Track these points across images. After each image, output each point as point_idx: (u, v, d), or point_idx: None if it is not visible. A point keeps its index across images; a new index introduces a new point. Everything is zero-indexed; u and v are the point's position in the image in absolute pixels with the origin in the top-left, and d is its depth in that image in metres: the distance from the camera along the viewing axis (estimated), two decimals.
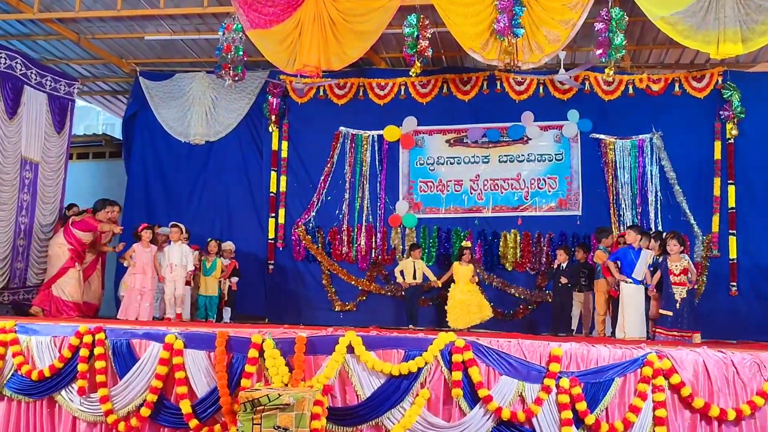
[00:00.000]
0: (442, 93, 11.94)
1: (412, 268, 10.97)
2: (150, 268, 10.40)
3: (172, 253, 10.46)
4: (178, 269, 10.42)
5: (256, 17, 9.40)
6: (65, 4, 10.66)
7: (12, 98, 10.73)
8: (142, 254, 10.36)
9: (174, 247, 10.52)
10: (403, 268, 11.01)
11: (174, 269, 10.41)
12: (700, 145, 11.12)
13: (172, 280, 10.40)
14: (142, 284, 10.24)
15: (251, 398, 6.09)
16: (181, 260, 10.45)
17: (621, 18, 8.63)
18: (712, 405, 6.34)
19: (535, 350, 6.66)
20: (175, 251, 10.49)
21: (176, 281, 10.42)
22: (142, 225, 10.62)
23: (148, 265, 10.38)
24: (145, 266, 10.34)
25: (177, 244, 10.54)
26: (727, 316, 10.51)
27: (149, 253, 10.45)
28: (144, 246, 10.44)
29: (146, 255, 10.40)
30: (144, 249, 10.42)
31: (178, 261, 10.45)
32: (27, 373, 7.37)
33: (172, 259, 10.44)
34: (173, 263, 10.42)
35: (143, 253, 10.38)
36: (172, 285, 10.39)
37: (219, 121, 12.48)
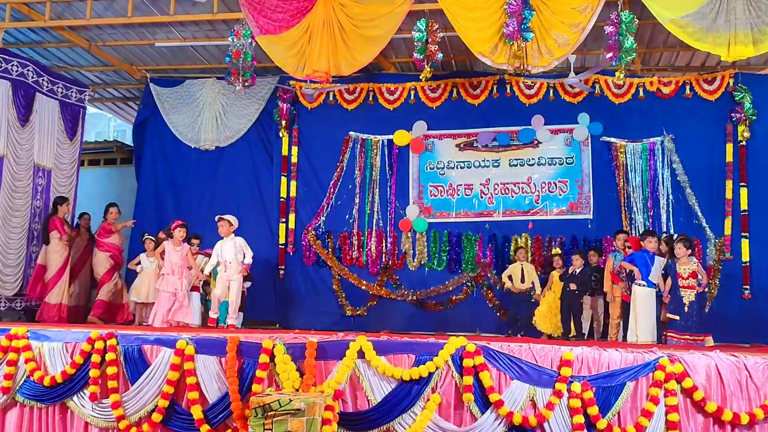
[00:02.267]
0: (451, 97, 11.93)
1: (520, 272, 10.66)
2: (180, 268, 9.78)
3: (224, 248, 9.65)
4: (233, 266, 9.61)
5: (266, 23, 9.42)
6: (76, 11, 10.72)
7: (24, 105, 10.79)
8: (172, 253, 9.78)
9: (226, 242, 9.70)
10: (512, 272, 10.72)
11: (228, 267, 9.59)
12: (712, 147, 11.08)
13: (225, 279, 9.58)
14: (173, 286, 9.69)
15: (262, 403, 6.09)
16: (236, 255, 9.61)
17: (631, 21, 8.60)
18: (725, 409, 6.30)
19: (546, 354, 6.64)
20: (227, 247, 9.66)
21: (231, 281, 9.59)
22: (175, 222, 10.04)
23: (178, 266, 9.77)
24: (174, 266, 9.77)
25: (229, 238, 9.71)
26: (740, 319, 10.45)
27: (180, 252, 9.83)
28: (175, 244, 9.84)
29: (176, 254, 9.79)
30: (175, 248, 9.82)
31: (233, 257, 9.61)
32: (39, 379, 7.39)
33: (225, 255, 9.61)
34: (227, 260, 9.60)
35: (173, 252, 9.79)
36: (225, 286, 9.58)
37: (229, 126, 12.52)
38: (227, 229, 9.75)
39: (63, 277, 10.75)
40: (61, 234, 10.70)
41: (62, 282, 10.74)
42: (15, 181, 10.67)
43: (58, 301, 10.67)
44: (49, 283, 10.66)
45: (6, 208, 10.51)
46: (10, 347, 7.54)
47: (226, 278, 9.59)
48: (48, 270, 10.72)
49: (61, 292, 10.71)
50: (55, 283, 10.66)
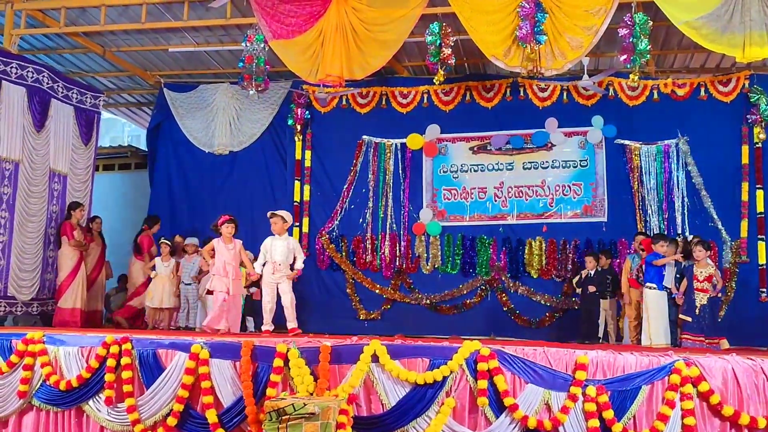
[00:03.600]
0: (465, 100, 11.93)
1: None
2: (234, 268, 9.07)
3: (275, 248, 8.90)
4: (282, 269, 8.90)
5: (279, 28, 9.44)
6: (90, 17, 10.80)
7: (40, 111, 10.85)
8: (223, 251, 9.06)
9: (277, 241, 8.96)
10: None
11: (277, 269, 8.88)
12: (727, 149, 11.01)
13: (274, 282, 8.88)
14: (226, 286, 8.96)
15: (276, 407, 6.09)
16: (287, 257, 8.91)
17: (645, 23, 8.56)
18: (742, 413, 6.24)
19: (561, 358, 6.60)
20: (279, 246, 8.92)
21: (280, 284, 8.90)
22: (222, 217, 9.29)
23: (231, 265, 9.04)
24: (226, 265, 9.00)
25: (281, 237, 8.99)
26: (757, 322, 10.35)
27: (232, 250, 9.12)
28: (225, 242, 9.08)
29: (228, 252, 9.07)
30: (226, 246, 9.07)
31: (284, 258, 8.90)
32: (55, 383, 7.41)
33: (276, 256, 8.87)
34: (277, 261, 8.85)
35: (225, 250, 9.07)
36: (272, 290, 8.91)
37: (243, 131, 12.56)
38: (281, 227, 9.01)
39: (75, 281, 10.81)
40: (69, 239, 10.77)
41: (75, 286, 10.81)
42: (31, 187, 10.73)
43: (71, 305, 10.73)
44: (61, 288, 10.75)
45: (22, 213, 10.57)
46: (26, 352, 7.57)
47: (274, 282, 8.91)
48: (59, 274, 10.82)
49: (74, 297, 10.77)
50: (66, 288, 10.74)
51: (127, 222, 13.65)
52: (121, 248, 12.58)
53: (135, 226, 13.26)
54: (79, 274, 10.90)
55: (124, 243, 12.88)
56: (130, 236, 13.21)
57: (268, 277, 8.90)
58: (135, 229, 13.22)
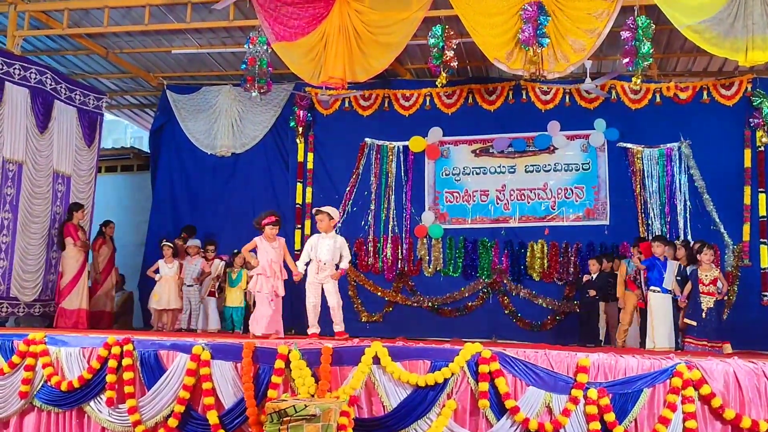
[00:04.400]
0: (467, 103, 11.93)
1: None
2: (279, 267, 8.62)
3: (321, 246, 8.58)
4: (328, 268, 8.56)
5: (282, 30, 9.45)
6: (94, 19, 10.83)
7: (43, 113, 10.87)
8: (267, 250, 8.60)
9: (323, 239, 8.66)
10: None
11: (322, 269, 8.54)
12: (730, 153, 10.98)
13: (318, 282, 8.56)
14: (272, 288, 8.54)
15: (278, 409, 6.09)
16: (333, 256, 8.57)
17: (647, 26, 8.56)
18: (743, 416, 6.23)
19: (562, 361, 6.60)
20: (325, 245, 8.60)
21: (325, 284, 8.57)
22: (268, 217, 8.73)
23: (277, 264, 8.59)
24: (272, 264, 8.55)
25: (328, 235, 8.68)
26: (759, 326, 10.31)
27: (277, 249, 8.65)
28: (269, 239, 8.64)
29: (273, 251, 8.60)
30: (270, 244, 8.63)
31: (329, 257, 8.55)
32: (56, 384, 7.42)
33: (322, 254, 8.53)
34: (322, 260, 8.52)
35: (269, 249, 8.61)
36: (317, 291, 8.58)
37: (245, 133, 12.58)
38: (327, 224, 8.66)
39: (79, 282, 10.83)
40: (74, 240, 10.78)
41: (79, 287, 10.82)
42: (34, 188, 10.74)
43: (76, 306, 10.75)
44: (65, 289, 10.76)
45: (26, 215, 10.58)
46: (27, 352, 7.57)
47: (318, 281, 8.55)
48: (63, 276, 10.82)
49: (79, 298, 10.80)
50: (70, 289, 10.75)
51: (130, 224, 13.68)
52: (124, 249, 12.60)
53: (137, 228, 13.35)
54: (83, 275, 10.92)
55: (127, 245, 12.93)
56: (133, 238, 13.30)
57: (313, 276, 8.56)
58: (137, 230, 13.33)
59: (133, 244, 13.26)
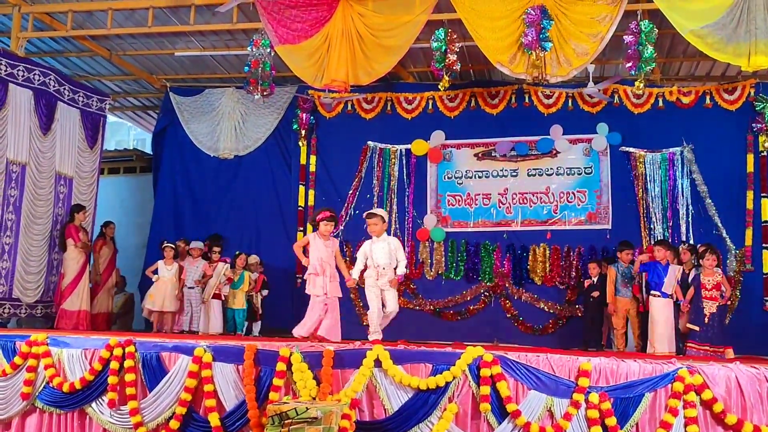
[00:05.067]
0: (470, 107, 11.93)
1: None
2: (331, 267, 8.27)
3: (376, 251, 8.21)
4: (387, 273, 8.17)
5: (285, 33, 9.47)
6: (97, 21, 10.85)
7: (46, 114, 10.88)
8: (320, 248, 8.31)
9: (377, 243, 8.28)
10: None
11: (381, 274, 8.16)
12: (732, 157, 10.98)
13: (377, 289, 8.19)
14: (324, 289, 8.20)
15: (279, 411, 6.09)
16: (391, 259, 8.19)
17: (650, 31, 8.57)
18: (745, 421, 6.22)
19: (563, 365, 6.60)
20: (380, 249, 8.22)
21: (385, 291, 8.20)
22: (323, 212, 8.50)
23: (329, 264, 8.27)
24: (324, 264, 8.23)
25: (381, 239, 8.30)
26: (761, 331, 10.31)
27: (330, 248, 8.34)
28: (323, 237, 8.33)
29: (326, 251, 8.30)
30: (324, 242, 8.33)
31: (387, 261, 8.17)
32: (58, 385, 7.43)
33: (379, 259, 8.17)
34: (380, 265, 8.16)
35: (322, 248, 8.31)
36: (379, 294, 8.21)
37: (248, 135, 12.59)
38: (381, 228, 8.31)
39: (80, 284, 10.84)
40: (75, 241, 10.79)
41: (80, 289, 10.83)
42: (37, 189, 10.76)
43: (77, 308, 10.76)
44: (66, 291, 10.77)
45: (28, 216, 10.59)
46: (30, 353, 7.58)
47: (378, 288, 8.20)
48: (65, 277, 10.84)
49: (79, 299, 10.81)
50: (71, 290, 10.76)
51: (132, 226, 13.70)
52: (126, 251, 12.61)
53: (139, 230, 13.37)
54: (84, 276, 10.94)
55: (129, 246, 12.94)
56: (135, 240, 13.31)
57: (372, 282, 8.22)
58: (140, 232, 13.33)
59: (135, 245, 13.27)
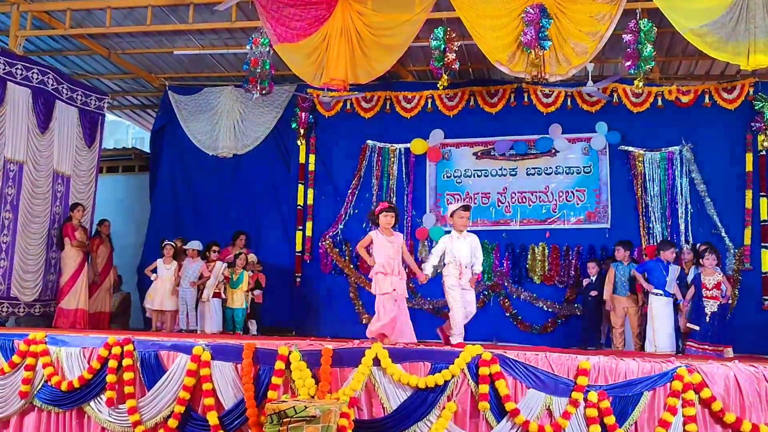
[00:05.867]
0: (469, 106, 11.92)
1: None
2: (398, 265, 7.89)
3: (458, 247, 7.95)
4: (469, 272, 8.00)
5: (284, 31, 9.46)
6: (96, 20, 10.84)
7: (44, 113, 10.88)
8: (385, 245, 7.93)
9: (460, 240, 8.04)
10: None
11: (464, 272, 7.93)
12: (731, 157, 10.98)
13: (459, 286, 7.90)
14: (393, 287, 7.85)
15: (278, 410, 6.08)
16: (471, 258, 7.99)
17: (650, 29, 8.57)
18: (743, 420, 6.21)
19: (562, 363, 6.59)
20: (463, 246, 7.99)
21: (467, 291, 7.96)
22: (381, 204, 8.16)
23: (396, 261, 7.87)
24: (390, 261, 7.86)
25: (463, 236, 8.06)
26: (760, 330, 10.30)
27: (395, 244, 7.96)
28: (386, 233, 7.95)
29: (390, 246, 7.91)
30: (387, 238, 7.94)
31: (469, 260, 7.96)
32: (57, 384, 7.42)
33: (462, 256, 7.92)
34: (463, 263, 7.93)
35: (386, 244, 7.93)
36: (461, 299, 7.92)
37: (247, 134, 12.58)
38: (465, 222, 8.00)
39: (77, 282, 10.85)
40: (71, 239, 10.78)
41: (77, 287, 10.85)
42: (34, 188, 10.75)
43: (74, 306, 10.77)
44: (63, 289, 10.79)
45: (26, 215, 10.59)
46: (28, 352, 7.58)
47: (461, 287, 7.90)
48: (62, 275, 10.85)
49: (77, 298, 10.82)
50: (69, 289, 10.78)
51: (130, 224, 13.69)
52: (125, 250, 12.61)
53: (138, 229, 13.34)
54: (82, 275, 10.93)
55: (127, 245, 12.93)
56: (134, 238, 13.30)
57: (455, 281, 7.90)
58: (138, 231, 13.32)
59: (133, 245, 13.26)
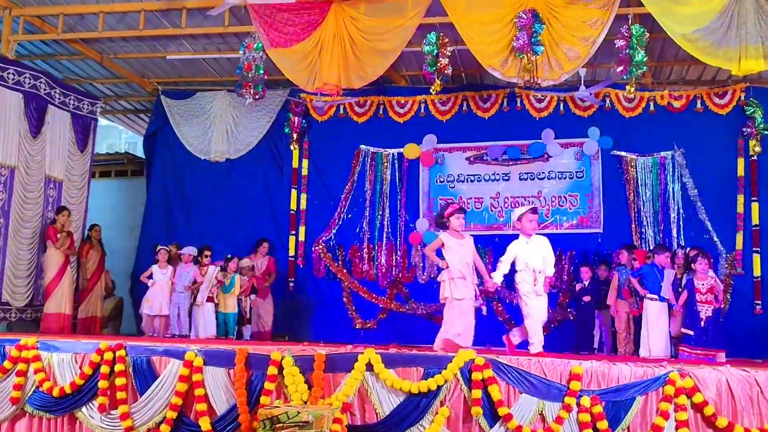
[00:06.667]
0: (462, 110, 11.94)
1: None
2: (470, 269, 7.62)
3: (532, 253, 7.70)
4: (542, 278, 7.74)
5: (277, 36, 9.45)
6: (89, 24, 10.82)
7: (36, 117, 10.85)
8: (456, 248, 7.64)
9: (533, 244, 7.77)
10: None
11: (538, 278, 7.68)
12: (723, 162, 11.02)
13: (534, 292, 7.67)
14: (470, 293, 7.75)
15: (270, 415, 6.07)
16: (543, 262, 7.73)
17: (642, 35, 8.60)
18: (735, 425, 6.23)
19: (555, 368, 6.60)
20: (537, 249, 7.75)
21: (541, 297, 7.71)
22: (451, 206, 7.80)
23: (470, 266, 7.62)
24: (464, 266, 7.59)
25: (535, 239, 7.81)
26: (752, 334, 10.34)
27: (466, 247, 7.64)
28: (457, 235, 7.65)
29: (463, 250, 7.59)
30: (458, 240, 7.65)
31: (542, 263, 7.72)
32: (48, 389, 7.39)
33: (535, 261, 7.68)
34: (537, 269, 7.69)
35: (458, 247, 7.63)
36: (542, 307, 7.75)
37: (240, 139, 12.57)
38: (535, 225, 7.76)
39: (60, 285, 10.75)
40: (53, 242, 10.73)
41: (59, 292, 10.75)
42: (26, 193, 10.72)
43: (57, 310, 10.68)
44: (46, 293, 10.73)
45: (17, 219, 10.55)
46: (19, 358, 7.55)
47: (536, 293, 7.68)
48: (45, 278, 10.80)
49: (59, 302, 10.72)
50: (50, 292, 10.69)
51: (123, 229, 13.65)
52: (117, 255, 12.57)
53: (131, 233, 13.31)
54: (65, 278, 10.84)
55: (120, 250, 12.89)
56: (126, 243, 13.26)
57: (529, 288, 7.67)
58: (131, 235, 13.28)
59: (126, 249, 13.22)
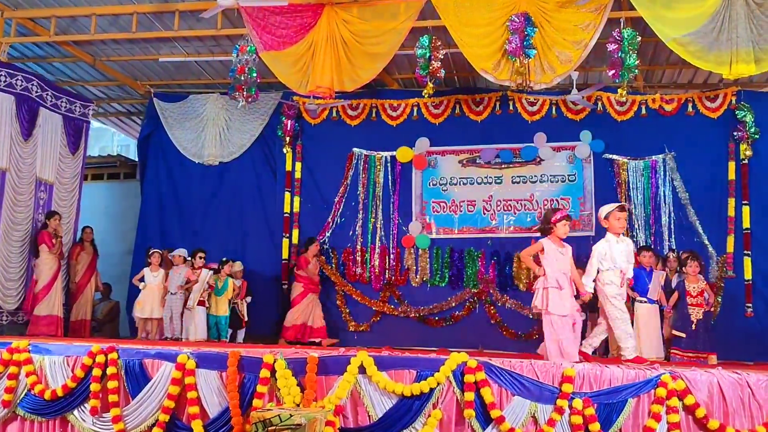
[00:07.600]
0: (454, 114, 11.96)
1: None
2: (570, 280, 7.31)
3: (618, 254, 7.48)
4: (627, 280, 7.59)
5: (270, 39, 9.44)
6: (81, 26, 10.79)
7: (27, 120, 10.83)
8: (557, 257, 7.35)
9: (619, 245, 7.53)
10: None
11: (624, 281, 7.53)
12: (714, 165, 11.07)
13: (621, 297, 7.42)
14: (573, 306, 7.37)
15: (263, 418, 6.06)
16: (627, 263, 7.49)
17: (633, 38, 8.62)
18: (727, 427, 6.24)
19: (547, 371, 6.60)
20: (621, 250, 7.51)
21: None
22: (560, 212, 7.53)
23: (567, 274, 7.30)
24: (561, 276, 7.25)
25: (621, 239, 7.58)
26: (743, 337, 10.40)
27: (567, 256, 7.40)
28: (558, 243, 7.40)
29: (564, 259, 7.35)
30: (559, 249, 7.38)
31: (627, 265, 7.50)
32: (40, 392, 7.35)
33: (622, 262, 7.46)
34: (623, 269, 7.48)
35: (559, 255, 7.38)
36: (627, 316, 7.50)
37: (232, 142, 12.55)
38: (624, 224, 7.53)
39: (52, 289, 10.75)
40: (49, 247, 10.70)
41: (52, 294, 10.74)
42: (17, 195, 10.70)
43: (48, 313, 10.66)
44: (38, 296, 10.69)
45: (8, 222, 10.53)
46: (11, 361, 7.50)
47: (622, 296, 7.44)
48: (38, 283, 10.75)
49: (51, 305, 10.71)
50: (43, 296, 10.67)
51: (116, 232, 13.63)
52: (110, 258, 12.54)
53: (123, 236, 13.30)
54: (57, 282, 10.84)
55: (112, 253, 12.87)
56: (119, 246, 13.24)
57: (616, 290, 7.45)
58: (124, 239, 13.27)
59: (119, 252, 13.20)
